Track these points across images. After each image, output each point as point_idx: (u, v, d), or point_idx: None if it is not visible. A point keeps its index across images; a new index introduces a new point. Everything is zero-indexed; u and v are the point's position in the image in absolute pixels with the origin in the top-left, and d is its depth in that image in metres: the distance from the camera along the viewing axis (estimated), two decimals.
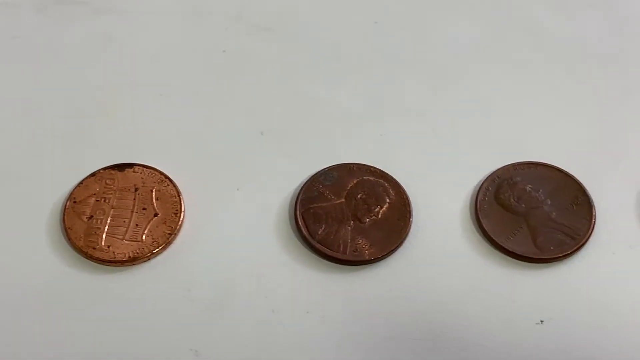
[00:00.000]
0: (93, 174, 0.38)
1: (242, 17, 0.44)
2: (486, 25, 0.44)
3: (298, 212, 0.37)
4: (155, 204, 0.37)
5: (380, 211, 0.37)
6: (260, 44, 0.43)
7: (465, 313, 0.35)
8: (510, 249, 0.36)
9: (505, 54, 0.43)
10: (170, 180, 0.38)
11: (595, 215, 0.37)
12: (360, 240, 0.36)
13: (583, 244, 0.36)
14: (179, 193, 0.38)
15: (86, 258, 0.36)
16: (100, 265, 0.36)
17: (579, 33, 0.43)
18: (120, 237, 0.36)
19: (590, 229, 0.37)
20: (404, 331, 0.34)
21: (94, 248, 0.36)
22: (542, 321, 0.35)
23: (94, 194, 0.38)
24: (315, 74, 0.42)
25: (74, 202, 0.37)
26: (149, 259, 0.36)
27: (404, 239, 0.37)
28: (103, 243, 0.36)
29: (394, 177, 0.38)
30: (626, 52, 0.43)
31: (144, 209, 0.37)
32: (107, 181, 0.38)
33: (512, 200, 0.38)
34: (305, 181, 0.38)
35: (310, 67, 0.42)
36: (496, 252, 0.36)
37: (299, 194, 0.38)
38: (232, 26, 0.44)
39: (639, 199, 0.38)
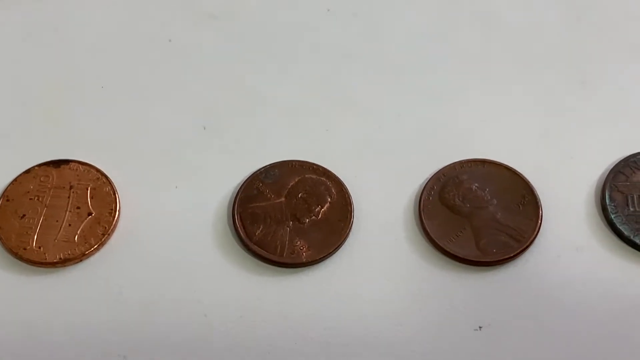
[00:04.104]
0: (28, 171, 0.37)
1: (189, 3, 0.43)
2: (438, 15, 0.42)
3: (236, 211, 0.36)
4: (90, 203, 0.36)
5: (321, 211, 0.36)
6: (206, 33, 0.42)
7: (403, 318, 0.34)
8: (452, 252, 0.35)
9: (456, 45, 0.41)
10: (107, 178, 0.37)
11: (541, 216, 0.36)
12: (299, 242, 0.35)
13: (527, 247, 0.35)
14: (114, 191, 0.37)
15: (17, 259, 0.35)
16: (32, 267, 0.35)
17: (533, 23, 0.42)
18: (53, 237, 0.35)
19: (536, 230, 0.36)
20: (338, 336, 0.34)
21: (24, 249, 0.35)
22: (480, 327, 0.34)
23: (28, 192, 0.37)
24: (262, 65, 0.41)
25: (7, 200, 0.36)
26: (81, 261, 0.35)
27: (344, 240, 0.36)
28: (34, 244, 0.35)
29: (338, 174, 0.37)
30: (581, 44, 0.41)
31: (78, 208, 0.36)
32: (42, 178, 0.37)
33: (457, 200, 0.36)
34: (245, 179, 0.37)
35: (257, 58, 0.41)
36: (439, 254, 0.36)
37: (238, 192, 0.37)
38: (178, 13, 0.42)
39: (589, 199, 0.37)
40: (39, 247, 0.35)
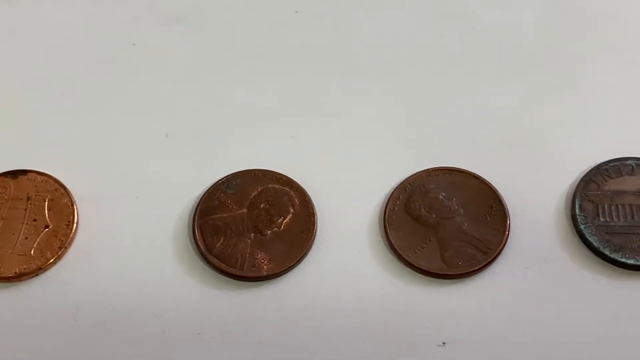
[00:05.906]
0: None
1: (155, 5, 0.42)
2: (407, 20, 0.41)
3: (196, 223, 0.35)
4: (47, 215, 0.36)
5: (283, 222, 0.35)
6: (170, 37, 0.41)
7: (365, 333, 0.33)
8: (416, 264, 0.34)
9: (424, 50, 0.40)
10: (65, 189, 0.36)
11: (509, 227, 0.35)
12: (260, 255, 0.35)
13: (494, 259, 0.34)
14: (72, 203, 0.36)
15: None
16: None
17: (506, 27, 0.40)
18: (9, 251, 0.35)
19: (503, 242, 0.35)
20: (300, 352, 0.33)
21: None
22: (444, 343, 0.33)
23: None
24: (226, 70, 0.40)
25: None
26: (37, 275, 0.34)
27: (306, 253, 0.35)
28: None
29: (302, 183, 0.36)
30: (554, 47, 0.40)
31: (35, 220, 0.35)
32: None
33: (422, 210, 0.36)
34: (206, 189, 0.36)
35: (221, 63, 0.40)
36: (403, 267, 0.35)
37: (198, 203, 0.36)
38: (142, 15, 0.41)
39: (559, 208, 0.36)
40: None
